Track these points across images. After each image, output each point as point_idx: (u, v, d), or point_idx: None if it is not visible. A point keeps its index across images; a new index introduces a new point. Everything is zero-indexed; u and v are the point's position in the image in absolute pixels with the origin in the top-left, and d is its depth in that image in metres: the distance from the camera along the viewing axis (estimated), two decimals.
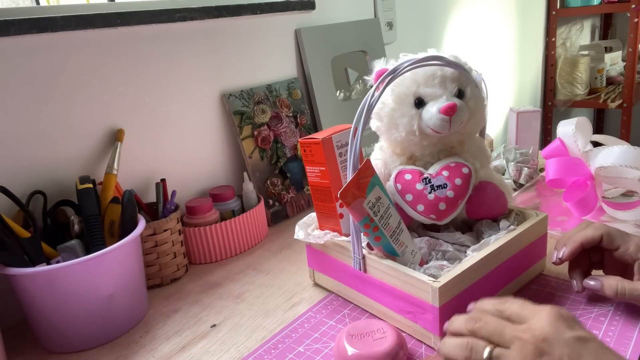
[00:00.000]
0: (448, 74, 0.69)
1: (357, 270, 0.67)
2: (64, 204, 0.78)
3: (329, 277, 0.74)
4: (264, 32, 1.09)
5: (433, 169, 0.71)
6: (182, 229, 0.87)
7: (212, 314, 0.74)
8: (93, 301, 0.67)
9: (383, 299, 0.65)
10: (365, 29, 1.31)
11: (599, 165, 0.86)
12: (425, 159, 0.74)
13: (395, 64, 0.65)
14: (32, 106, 0.78)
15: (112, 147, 0.86)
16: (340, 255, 0.69)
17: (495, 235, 0.67)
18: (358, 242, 0.64)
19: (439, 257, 0.68)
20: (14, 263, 0.65)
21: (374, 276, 0.65)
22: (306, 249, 0.76)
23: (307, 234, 0.73)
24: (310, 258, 0.77)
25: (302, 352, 0.62)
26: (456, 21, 1.74)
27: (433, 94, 0.68)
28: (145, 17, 0.86)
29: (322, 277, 0.76)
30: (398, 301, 0.62)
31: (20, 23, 0.72)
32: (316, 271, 0.77)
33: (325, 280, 0.75)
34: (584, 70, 2.39)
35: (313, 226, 0.75)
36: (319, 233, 0.72)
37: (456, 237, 0.71)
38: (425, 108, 0.69)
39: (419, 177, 0.70)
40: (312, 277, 0.78)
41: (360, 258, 0.65)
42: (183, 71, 0.96)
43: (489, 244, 0.65)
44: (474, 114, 0.71)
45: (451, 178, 0.69)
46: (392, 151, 0.76)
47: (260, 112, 1.05)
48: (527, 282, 0.72)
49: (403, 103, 0.70)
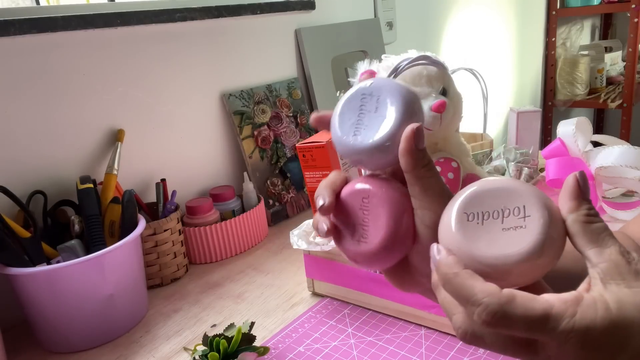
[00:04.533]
0: (433, 73, 0.71)
1: (371, 272, 0.66)
2: (64, 204, 0.78)
3: (335, 284, 0.72)
4: (264, 32, 1.09)
5: None
6: (182, 229, 0.87)
7: (212, 314, 0.74)
8: (93, 301, 0.67)
9: (404, 297, 0.65)
10: (365, 29, 1.31)
11: (599, 165, 0.86)
12: None
13: (378, 65, 0.66)
14: (32, 106, 0.78)
15: (112, 147, 0.86)
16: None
17: None
18: None
19: None
20: (14, 263, 0.65)
21: None
22: (304, 258, 0.74)
23: (309, 243, 0.71)
24: (309, 267, 0.74)
25: (302, 352, 0.62)
26: (456, 21, 1.74)
27: (422, 92, 0.70)
28: (145, 17, 0.86)
29: (324, 285, 0.74)
30: (422, 297, 0.63)
31: (20, 23, 0.72)
32: (317, 280, 0.75)
33: (327, 288, 0.74)
34: (584, 70, 2.39)
35: (313, 234, 0.73)
36: (323, 240, 0.71)
37: None
38: None
39: None
40: (311, 287, 0.76)
41: None
42: (183, 71, 0.96)
43: None
44: (456, 111, 0.74)
45: (444, 173, 0.71)
46: None
47: (261, 112, 1.05)
48: None
49: None
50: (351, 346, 0.63)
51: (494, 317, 0.27)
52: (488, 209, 0.31)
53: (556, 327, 0.26)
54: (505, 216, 0.30)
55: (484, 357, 0.59)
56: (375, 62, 0.73)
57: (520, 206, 0.30)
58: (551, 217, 0.29)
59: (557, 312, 0.27)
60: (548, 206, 0.30)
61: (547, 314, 0.27)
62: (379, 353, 0.61)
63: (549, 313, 0.27)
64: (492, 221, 0.30)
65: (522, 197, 0.30)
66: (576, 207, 0.29)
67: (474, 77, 1.07)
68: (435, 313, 0.63)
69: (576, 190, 0.30)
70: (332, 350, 0.62)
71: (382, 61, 0.76)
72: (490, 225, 0.30)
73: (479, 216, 0.31)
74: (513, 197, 0.30)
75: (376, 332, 0.65)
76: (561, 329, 0.26)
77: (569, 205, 0.30)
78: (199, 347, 0.62)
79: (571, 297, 0.27)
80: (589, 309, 0.27)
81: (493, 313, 0.27)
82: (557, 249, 0.29)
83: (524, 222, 0.30)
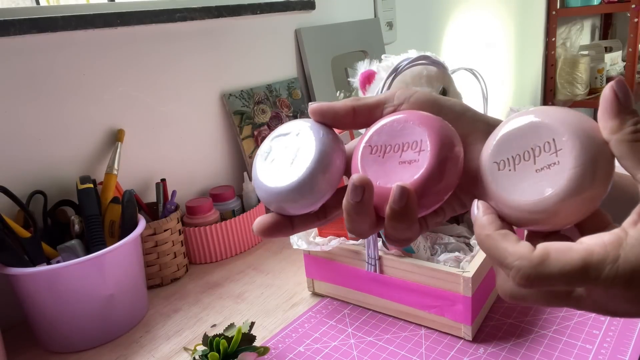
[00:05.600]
0: (433, 73, 0.71)
1: (371, 272, 0.67)
2: (64, 204, 0.78)
3: (335, 284, 0.72)
4: (264, 32, 1.09)
5: None
6: (182, 228, 0.87)
7: (212, 314, 0.74)
8: (93, 301, 0.67)
9: (403, 297, 0.65)
10: (365, 29, 1.31)
11: None
12: None
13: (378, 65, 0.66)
14: (33, 106, 0.78)
15: (112, 147, 0.86)
16: (349, 259, 0.69)
17: None
18: (374, 244, 0.65)
19: (442, 250, 0.69)
20: (14, 263, 0.65)
21: (393, 275, 0.65)
22: (304, 258, 0.74)
23: (309, 243, 0.71)
24: (309, 267, 0.74)
25: (302, 352, 0.62)
26: (456, 21, 1.74)
27: None
28: (145, 17, 0.86)
29: (324, 285, 0.74)
30: (422, 297, 0.63)
31: (20, 23, 0.72)
32: (317, 280, 0.75)
33: (327, 288, 0.74)
34: (584, 70, 2.39)
35: (313, 233, 0.73)
36: (323, 240, 0.71)
37: (455, 229, 0.72)
38: None
39: None
40: (311, 287, 0.76)
41: (376, 259, 0.65)
42: (183, 71, 0.96)
43: None
44: None
45: None
46: None
47: (261, 112, 1.05)
48: None
49: None
50: (351, 346, 0.63)
51: (527, 279, 0.25)
52: (518, 152, 0.28)
53: (599, 276, 0.24)
54: (536, 155, 0.27)
55: (484, 357, 0.59)
56: (375, 62, 0.73)
57: (550, 140, 0.27)
58: (586, 145, 0.26)
59: (597, 259, 0.24)
60: (581, 133, 0.26)
61: (587, 264, 0.24)
62: (379, 353, 0.61)
63: (588, 263, 0.24)
64: (524, 164, 0.28)
65: (551, 129, 0.27)
66: (618, 125, 0.25)
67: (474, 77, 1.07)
68: (435, 313, 0.63)
69: (615, 106, 0.26)
70: (332, 350, 0.62)
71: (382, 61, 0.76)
72: (524, 169, 0.28)
73: (510, 162, 0.28)
74: (541, 132, 0.27)
75: (376, 332, 0.65)
76: (604, 276, 0.24)
77: (610, 126, 0.26)
78: (199, 347, 0.62)
79: (612, 238, 0.24)
80: (634, 248, 0.24)
81: (526, 276, 0.25)
82: (602, 178, 0.26)
83: (557, 157, 0.27)
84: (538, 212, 0.27)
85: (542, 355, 0.58)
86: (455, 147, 0.30)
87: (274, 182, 0.31)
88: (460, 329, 0.62)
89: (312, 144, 0.31)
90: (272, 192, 0.31)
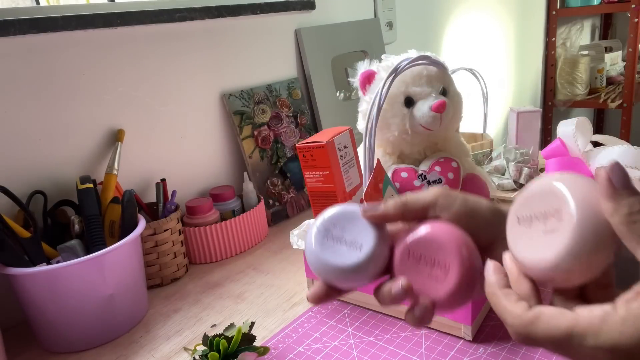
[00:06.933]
0: (433, 73, 0.71)
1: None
2: (64, 204, 0.78)
3: None
4: (264, 32, 1.09)
5: (425, 166, 0.73)
6: (182, 228, 0.87)
7: (212, 314, 0.74)
8: (93, 301, 0.67)
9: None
10: (365, 29, 1.31)
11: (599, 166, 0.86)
12: (414, 156, 0.76)
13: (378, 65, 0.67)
14: (32, 106, 0.78)
15: (112, 147, 0.86)
16: None
17: None
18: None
19: None
20: (14, 263, 0.65)
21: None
22: (304, 258, 0.75)
23: None
24: (309, 267, 0.75)
25: (302, 352, 0.62)
26: (456, 21, 1.74)
27: (422, 92, 0.71)
28: (145, 17, 0.86)
29: None
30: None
31: (20, 23, 0.72)
32: (317, 280, 0.75)
33: None
34: (584, 70, 2.39)
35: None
36: None
37: None
38: (416, 106, 0.71)
39: (415, 175, 0.72)
40: (311, 287, 0.76)
41: None
42: (183, 71, 0.96)
43: None
44: (456, 111, 0.74)
45: (444, 173, 0.72)
46: (383, 151, 0.77)
47: (261, 112, 1.05)
48: None
49: (394, 103, 0.71)
50: (351, 346, 0.63)
51: (518, 337, 0.29)
52: (535, 212, 0.31)
53: (581, 343, 0.26)
54: (547, 219, 0.30)
55: (484, 357, 0.59)
56: (375, 62, 0.74)
57: (558, 208, 0.29)
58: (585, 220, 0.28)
59: (581, 329, 0.26)
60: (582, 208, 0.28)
61: (570, 332, 0.26)
62: (379, 353, 0.61)
63: (572, 330, 0.26)
64: (537, 224, 0.31)
65: (559, 198, 0.29)
66: (614, 208, 0.27)
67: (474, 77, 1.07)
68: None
69: (609, 189, 0.27)
70: (332, 350, 0.62)
71: (382, 61, 0.76)
72: (535, 228, 0.31)
73: (528, 220, 0.31)
74: (554, 199, 0.30)
75: (376, 332, 0.65)
76: (586, 344, 0.26)
77: (606, 208, 0.27)
78: (199, 347, 0.62)
79: (600, 313, 0.26)
80: (616, 325, 0.25)
81: (517, 334, 0.29)
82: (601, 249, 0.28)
83: (559, 225, 0.29)
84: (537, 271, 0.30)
85: (542, 356, 0.58)
86: (474, 263, 0.35)
87: (333, 259, 0.36)
88: (460, 329, 0.62)
89: (370, 234, 0.37)
90: (331, 268, 0.37)
